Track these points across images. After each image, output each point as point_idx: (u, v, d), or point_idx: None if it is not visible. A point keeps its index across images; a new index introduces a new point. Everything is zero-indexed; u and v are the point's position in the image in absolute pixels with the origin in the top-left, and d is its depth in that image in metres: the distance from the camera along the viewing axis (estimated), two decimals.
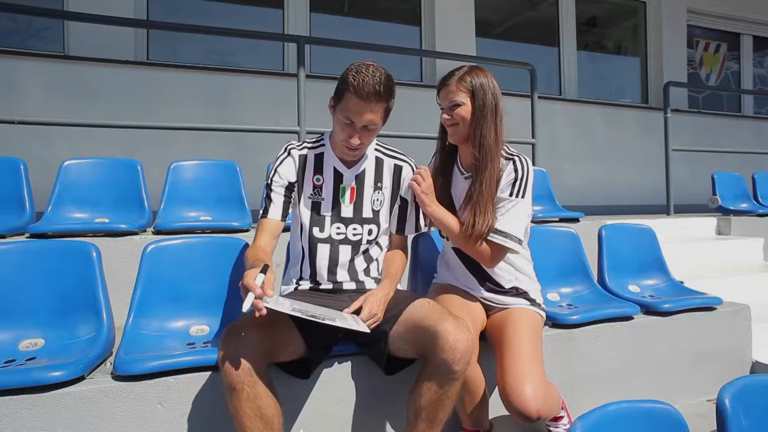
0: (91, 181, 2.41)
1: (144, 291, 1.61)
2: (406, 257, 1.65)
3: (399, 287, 1.62)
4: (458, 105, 1.52)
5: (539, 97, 3.74)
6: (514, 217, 1.50)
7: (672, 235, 3.48)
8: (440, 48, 4.89)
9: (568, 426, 1.65)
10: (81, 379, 1.31)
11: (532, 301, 1.63)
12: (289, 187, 1.50)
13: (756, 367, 2.24)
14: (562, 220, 3.01)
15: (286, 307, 1.24)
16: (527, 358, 1.42)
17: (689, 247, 3.18)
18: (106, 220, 2.27)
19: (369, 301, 1.36)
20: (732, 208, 3.90)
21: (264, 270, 1.20)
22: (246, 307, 1.14)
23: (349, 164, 1.51)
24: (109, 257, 1.98)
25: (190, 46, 4.31)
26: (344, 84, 1.35)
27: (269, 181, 1.50)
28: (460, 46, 4.86)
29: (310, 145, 1.54)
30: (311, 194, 1.50)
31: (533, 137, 3.64)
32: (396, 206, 1.58)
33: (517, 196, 1.51)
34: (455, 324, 1.25)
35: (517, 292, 1.63)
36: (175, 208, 2.49)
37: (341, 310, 1.38)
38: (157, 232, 2.20)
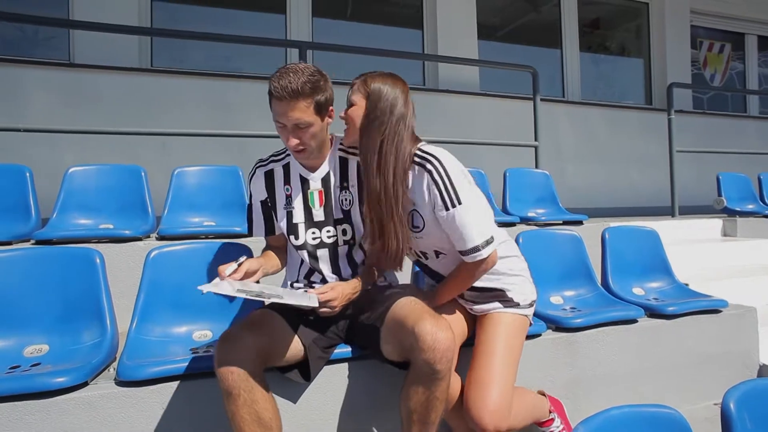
0: (96, 188, 2.43)
1: (147, 296, 1.62)
2: None
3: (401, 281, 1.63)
4: (351, 104, 1.43)
5: (542, 100, 3.74)
6: (466, 227, 1.35)
7: (677, 236, 3.46)
8: (442, 51, 4.90)
9: (561, 429, 1.63)
10: (84, 384, 1.32)
11: (509, 302, 1.51)
12: (265, 206, 1.54)
13: (763, 371, 2.21)
14: (565, 223, 3.00)
15: (228, 289, 1.21)
16: (491, 372, 1.38)
17: (694, 248, 3.16)
18: (111, 226, 2.29)
19: (336, 290, 1.36)
20: (738, 209, 3.87)
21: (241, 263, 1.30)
22: (206, 288, 1.19)
23: (313, 168, 1.50)
24: (114, 263, 1.99)
25: (194, 53, 4.34)
26: (268, 89, 1.34)
27: (249, 201, 1.56)
28: (462, 50, 4.87)
29: (275, 158, 1.55)
30: (285, 205, 1.51)
31: (536, 140, 3.63)
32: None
33: (453, 207, 1.34)
34: (434, 323, 1.24)
35: (492, 292, 1.51)
36: (178, 213, 2.51)
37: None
38: (160, 238, 2.21)
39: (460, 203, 1.34)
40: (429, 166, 1.37)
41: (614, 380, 1.93)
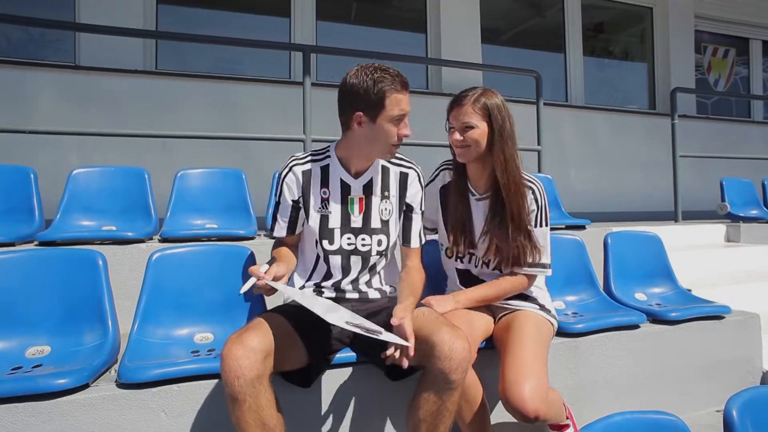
0: (99, 189, 2.44)
1: (149, 299, 1.62)
2: (424, 272, 1.59)
3: None
4: (471, 127, 1.54)
5: (545, 104, 3.73)
6: (544, 246, 1.59)
7: (680, 242, 3.44)
8: (446, 55, 4.90)
9: None
10: (86, 386, 1.32)
11: (542, 307, 1.65)
12: (295, 206, 1.51)
13: (767, 378, 2.20)
14: (568, 228, 2.99)
15: (339, 320, 1.23)
16: (528, 357, 1.43)
17: (697, 254, 3.15)
18: (113, 228, 2.29)
19: (405, 324, 1.29)
20: (741, 214, 3.86)
21: (271, 262, 1.33)
22: (244, 288, 1.25)
23: (357, 174, 1.50)
24: (116, 265, 2.00)
25: (198, 55, 4.36)
26: (380, 90, 1.35)
27: (277, 199, 1.53)
28: (465, 54, 4.88)
29: (314, 158, 1.52)
30: (319, 208, 1.49)
31: (539, 144, 3.63)
32: (403, 213, 1.56)
33: (541, 226, 1.59)
34: (452, 333, 1.25)
35: (526, 297, 1.66)
36: (181, 215, 2.51)
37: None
38: (163, 240, 2.22)
39: (547, 225, 1.61)
40: (534, 186, 1.60)
41: (616, 386, 1.92)
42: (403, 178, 1.55)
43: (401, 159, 1.57)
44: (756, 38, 6.79)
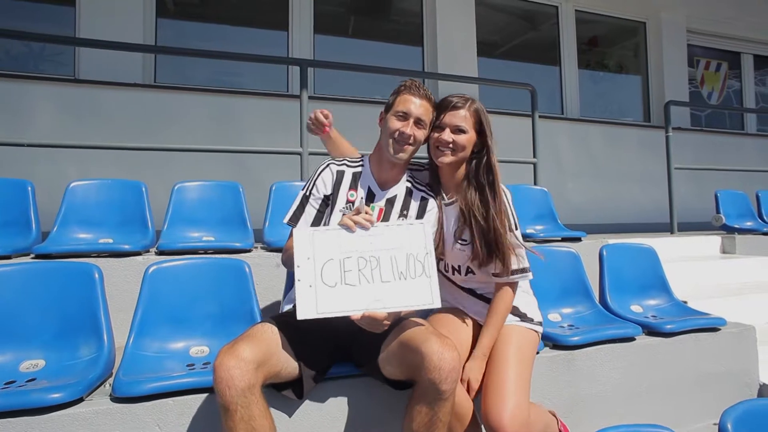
0: (97, 202, 2.45)
1: (145, 312, 1.62)
2: None
3: None
4: (463, 131, 1.54)
5: (541, 117, 3.77)
6: (522, 249, 1.57)
7: (675, 254, 3.46)
8: (442, 69, 4.96)
9: None
10: (80, 401, 1.32)
11: (523, 316, 1.62)
12: (325, 201, 1.56)
13: (764, 390, 2.19)
14: (563, 240, 3.00)
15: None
16: (509, 379, 1.43)
17: (693, 266, 3.16)
18: (110, 241, 2.29)
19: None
20: (736, 226, 3.88)
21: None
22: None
23: (384, 186, 1.58)
24: (113, 278, 2.00)
25: (196, 69, 4.40)
26: (397, 90, 1.55)
27: (307, 192, 1.57)
28: (461, 67, 4.93)
29: (349, 163, 1.63)
30: (343, 208, 1.54)
31: (534, 156, 3.66)
32: None
33: (516, 229, 1.57)
34: (440, 343, 1.25)
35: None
36: (178, 228, 2.51)
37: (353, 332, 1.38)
38: (160, 253, 2.22)
39: (518, 228, 1.60)
40: (507, 192, 1.61)
41: (612, 399, 1.92)
42: (424, 203, 1.60)
43: (426, 187, 1.64)
44: (747, 52, 6.89)
